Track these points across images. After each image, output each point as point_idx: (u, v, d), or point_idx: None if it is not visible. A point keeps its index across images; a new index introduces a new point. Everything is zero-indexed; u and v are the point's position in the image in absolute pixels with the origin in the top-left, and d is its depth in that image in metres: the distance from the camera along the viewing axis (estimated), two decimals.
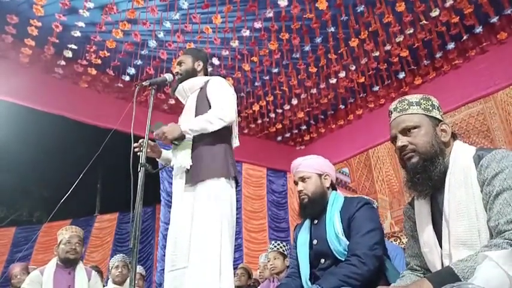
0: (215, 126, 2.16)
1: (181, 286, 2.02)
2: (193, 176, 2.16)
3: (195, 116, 2.27)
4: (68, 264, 3.02)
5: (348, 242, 1.77)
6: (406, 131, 1.41)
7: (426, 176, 1.36)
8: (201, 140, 2.21)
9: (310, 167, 1.99)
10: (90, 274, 3.13)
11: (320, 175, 1.99)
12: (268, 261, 3.70)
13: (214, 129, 2.17)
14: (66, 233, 3.06)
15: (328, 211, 1.89)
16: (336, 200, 1.93)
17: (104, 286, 3.88)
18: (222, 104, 2.22)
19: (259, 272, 4.33)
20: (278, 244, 3.69)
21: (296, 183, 2.02)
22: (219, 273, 1.98)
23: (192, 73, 2.46)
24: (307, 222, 2.01)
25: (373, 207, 1.89)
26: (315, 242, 1.90)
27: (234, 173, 2.22)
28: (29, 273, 3.82)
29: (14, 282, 3.96)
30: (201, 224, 2.06)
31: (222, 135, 2.26)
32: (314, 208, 1.94)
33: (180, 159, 2.21)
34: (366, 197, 3.07)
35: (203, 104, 2.30)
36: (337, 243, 1.78)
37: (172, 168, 2.33)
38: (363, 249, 1.68)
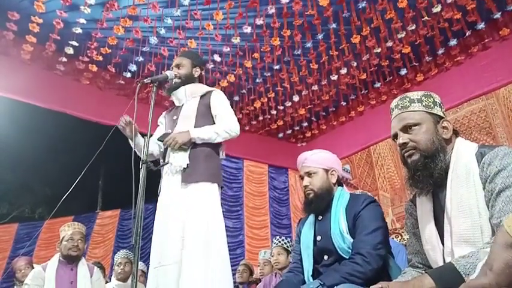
0: (220, 138, 2.32)
1: (168, 283, 2.02)
2: (190, 176, 2.22)
3: (195, 122, 2.34)
4: (71, 260, 3.03)
5: (352, 240, 1.75)
6: (407, 128, 1.41)
7: (427, 173, 1.36)
8: (199, 145, 2.29)
9: (317, 162, 1.95)
10: (92, 270, 3.14)
11: (327, 170, 1.95)
12: (272, 256, 3.71)
13: (219, 140, 2.33)
14: (69, 229, 3.07)
15: (334, 207, 1.87)
16: (341, 197, 1.90)
17: (106, 282, 3.89)
18: (228, 119, 2.36)
19: (260, 269, 4.34)
20: (282, 240, 3.70)
21: (302, 177, 1.98)
22: (218, 271, 2.00)
23: (190, 79, 2.50)
24: (311, 218, 1.99)
25: (379, 205, 1.86)
26: (318, 238, 1.89)
27: (221, 184, 2.36)
28: (33, 267, 3.83)
29: (18, 276, 3.97)
30: (198, 223, 2.10)
31: (216, 145, 2.36)
32: (319, 204, 1.91)
33: (178, 158, 2.26)
34: (369, 193, 3.07)
35: (205, 114, 2.38)
36: (341, 241, 1.77)
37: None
38: (367, 248, 1.67)
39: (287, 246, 3.63)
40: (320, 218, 1.93)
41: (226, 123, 2.34)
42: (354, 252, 1.71)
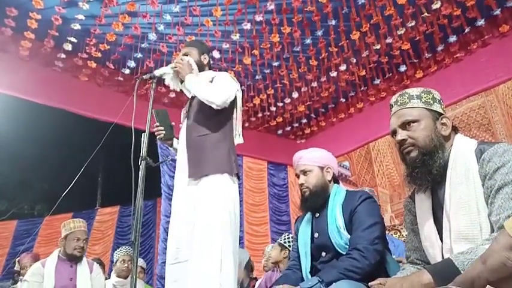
0: (200, 97, 2.18)
1: (183, 279, 2.03)
2: (197, 170, 2.17)
3: (200, 110, 2.27)
4: (72, 259, 3.00)
5: (349, 236, 1.77)
6: (405, 125, 1.41)
7: (425, 170, 1.36)
8: (206, 135, 2.23)
9: (312, 160, 1.98)
10: (92, 266, 3.12)
11: (322, 168, 1.97)
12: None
13: (202, 96, 2.18)
14: (74, 227, 3.02)
15: (330, 204, 1.89)
16: (337, 193, 1.92)
17: (106, 279, 3.89)
18: (218, 88, 2.21)
19: (264, 261, 4.34)
20: (284, 236, 3.76)
21: (298, 176, 2.01)
22: (219, 267, 1.99)
23: (199, 66, 2.43)
24: (308, 215, 2.00)
25: (375, 201, 1.88)
26: (316, 235, 1.90)
27: (236, 170, 2.24)
28: None
29: (24, 272, 3.97)
30: (204, 219, 2.07)
31: (226, 132, 2.28)
32: (315, 201, 1.93)
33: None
34: (367, 188, 3.06)
35: None
36: (338, 237, 1.78)
37: (174, 161, 2.34)
38: (364, 243, 1.68)
39: (284, 242, 3.65)
40: (317, 215, 1.95)
41: (213, 89, 2.19)
42: (351, 248, 1.72)
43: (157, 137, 2.35)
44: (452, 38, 4.62)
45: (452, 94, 4.80)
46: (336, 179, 2.02)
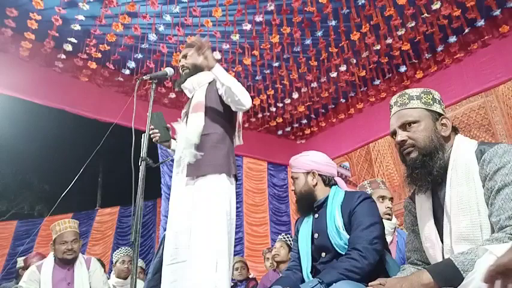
0: (234, 93, 2.15)
1: (181, 279, 2.03)
2: (195, 170, 2.17)
3: (205, 109, 2.26)
4: (67, 262, 2.90)
5: (348, 237, 1.78)
6: (405, 126, 1.41)
7: (425, 171, 1.36)
8: (205, 136, 2.22)
9: (297, 168, 2.05)
10: (89, 263, 3.03)
11: (307, 173, 2.00)
12: (274, 248, 3.78)
13: (237, 94, 2.15)
14: (60, 229, 2.89)
15: (329, 205, 1.90)
16: (336, 195, 1.93)
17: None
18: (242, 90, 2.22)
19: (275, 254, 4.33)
20: (287, 236, 3.81)
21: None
22: (215, 268, 1.99)
23: (199, 67, 2.42)
24: (308, 216, 2.02)
25: (373, 201, 1.90)
26: (316, 235, 1.91)
27: (234, 171, 2.24)
28: None
29: None
30: (201, 218, 2.07)
31: (226, 132, 2.28)
32: (302, 206, 2.01)
33: (184, 153, 2.23)
34: (379, 179, 3.07)
35: (213, 99, 2.29)
36: (337, 238, 1.79)
37: (173, 161, 2.34)
38: (364, 243, 1.69)
39: (290, 243, 3.69)
40: (316, 216, 1.96)
41: (244, 91, 2.20)
42: (350, 248, 1.72)
43: (153, 140, 2.35)
44: (452, 39, 4.62)
45: (452, 94, 4.80)
46: (329, 181, 2.01)
